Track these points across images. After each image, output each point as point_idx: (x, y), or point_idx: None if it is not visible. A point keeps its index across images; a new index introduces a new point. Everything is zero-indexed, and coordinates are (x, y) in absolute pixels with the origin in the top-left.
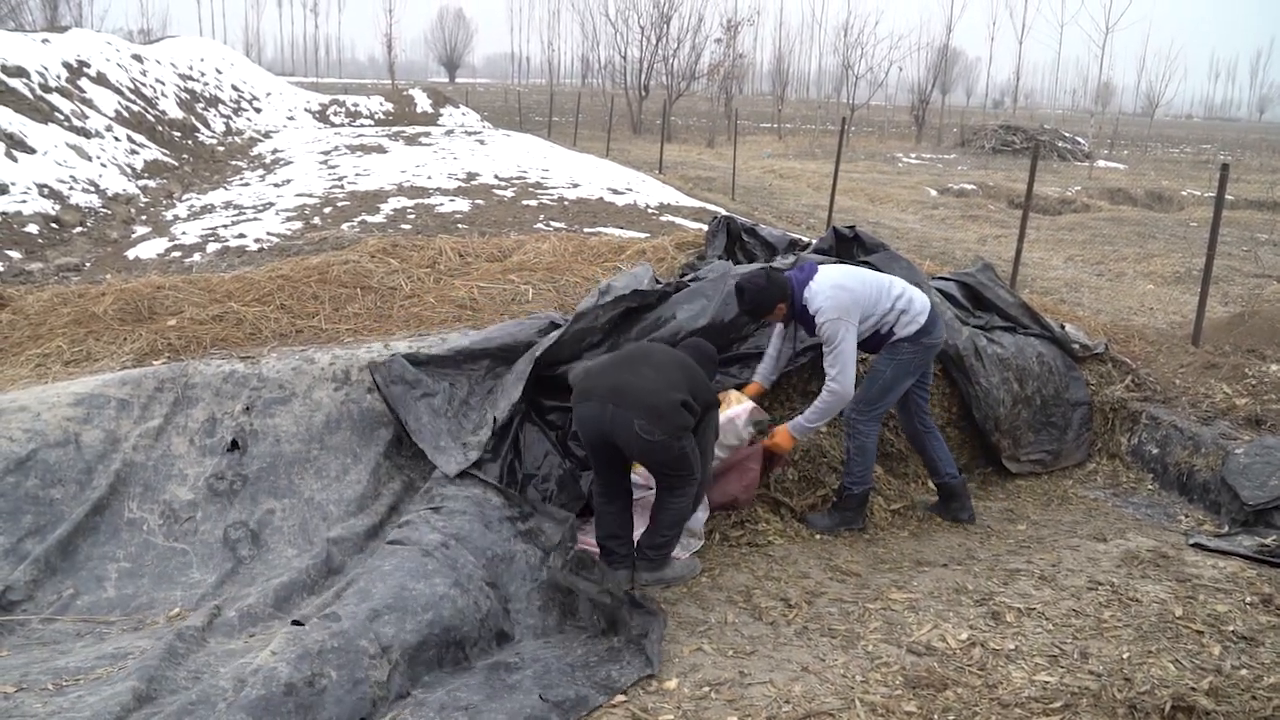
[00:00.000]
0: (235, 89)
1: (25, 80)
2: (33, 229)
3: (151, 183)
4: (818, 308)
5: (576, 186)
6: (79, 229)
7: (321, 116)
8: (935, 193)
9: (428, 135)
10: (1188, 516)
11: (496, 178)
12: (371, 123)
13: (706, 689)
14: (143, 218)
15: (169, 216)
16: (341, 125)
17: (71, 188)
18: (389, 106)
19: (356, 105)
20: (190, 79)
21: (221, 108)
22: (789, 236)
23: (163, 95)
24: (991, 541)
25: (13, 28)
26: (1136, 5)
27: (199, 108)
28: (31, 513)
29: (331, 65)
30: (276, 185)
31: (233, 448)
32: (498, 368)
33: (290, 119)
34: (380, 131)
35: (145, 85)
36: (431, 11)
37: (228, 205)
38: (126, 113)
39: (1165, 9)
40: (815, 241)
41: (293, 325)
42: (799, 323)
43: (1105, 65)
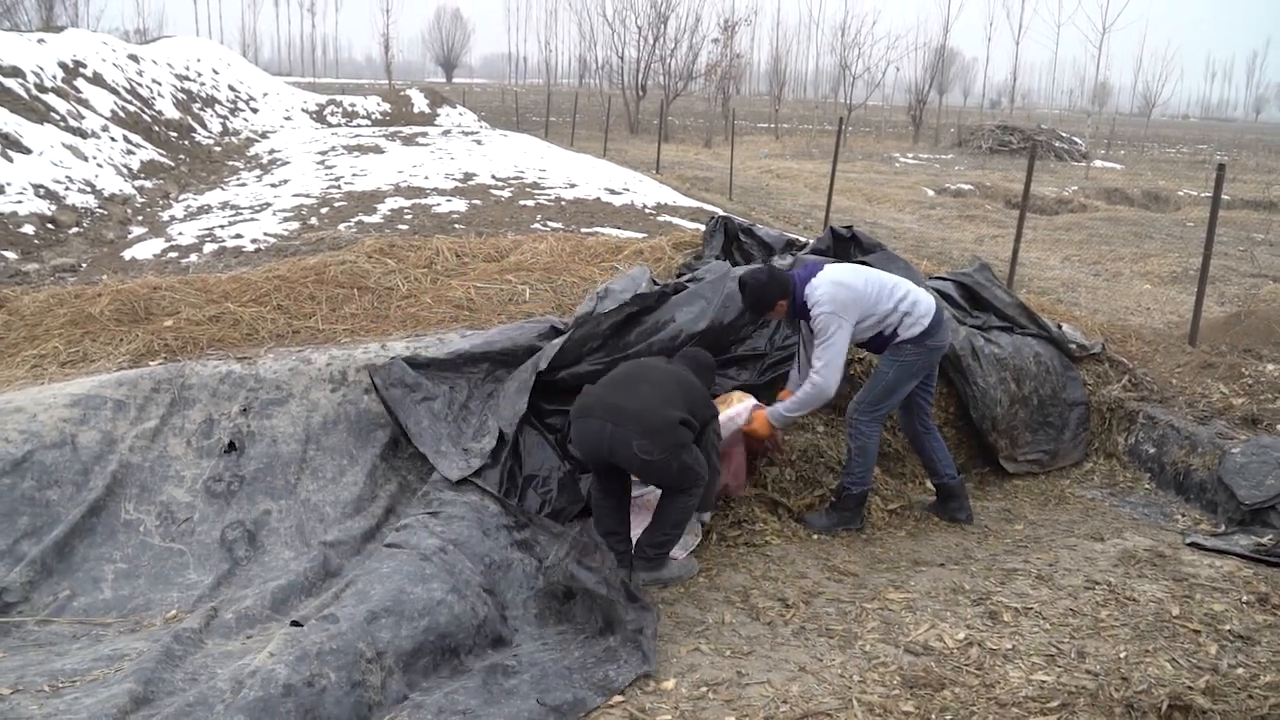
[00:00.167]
0: (232, 89)
1: (21, 80)
2: (28, 230)
3: (148, 183)
4: (815, 301)
5: (574, 186)
6: (75, 229)
7: (318, 117)
8: (932, 193)
9: (425, 135)
10: (1184, 516)
11: (494, 178)
12: (368, 123)
13: (704, 689)
14: (139, 218)
15: (165, 217)
16: (338, 125)
17: (67, 188)
18: (386, 107)
19: (353, 105)
20: (187, 79)
21: (218, 108)
22: (786, 236)
23: (159, 95)
24: (989, 541)
25: (8, 27)
26: (1133, 6)
27: (195, 108)
28: (28, 514)
29: (328, 65)
30: (273, 185)
31: (229, 449)
32: (497, 371)
33: (287, 119)
34: (377, 132)
35: (141, 85)
36: (429, 11)
37: (224, 206)
38: (123, 113)
39: (1162, 9)
40: (812, 241)
41: (289, 326)
42: (801, 320)
43: (1102, 65)
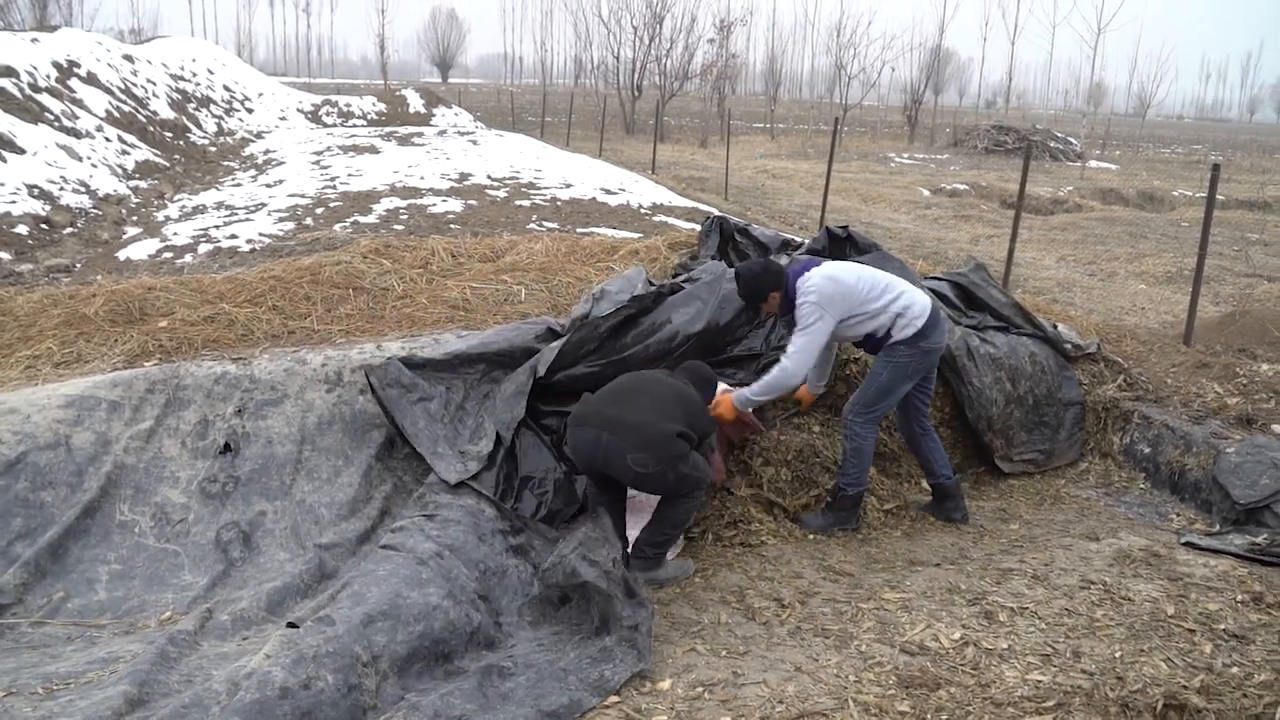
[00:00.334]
0: (227, 89)
1: (14, 80)
2: (22, 230)
3: (143, 183)
4: (803, 292)
5: (569, 187)
6: (69, 230)
7: (314, 117)
8: (928, 193)
9: (420, 135)
10: (1179, 515)
11: (489, 178)
12: (364, 123)
13: (700, 689)
14: (134, 218)
15: (160, 217)
16: (334, 125)
17: (62, 188)
18: (382, 107)
19: (349, 105)
20: (182, 79)
21: (213, 108)
22: (782, 236)
23: (154, 96)
24: (984, 541)
25: (2, 27)
26: (1128, 6)
27: (190, 108)
28: (21, 515)
29: (324, 65)
30: (268, 186)
31: (224, 450)
32: (494, 372)
33: (282, 119)
34: (373, 132)
35: (136, 85)
36: (424, 11)
37: (219, 206)
38: (117, 113)
39: (1157, 10)
40: (808, 241)
41: (285, 326)
42: (790, 309)
43: (1097, 66)
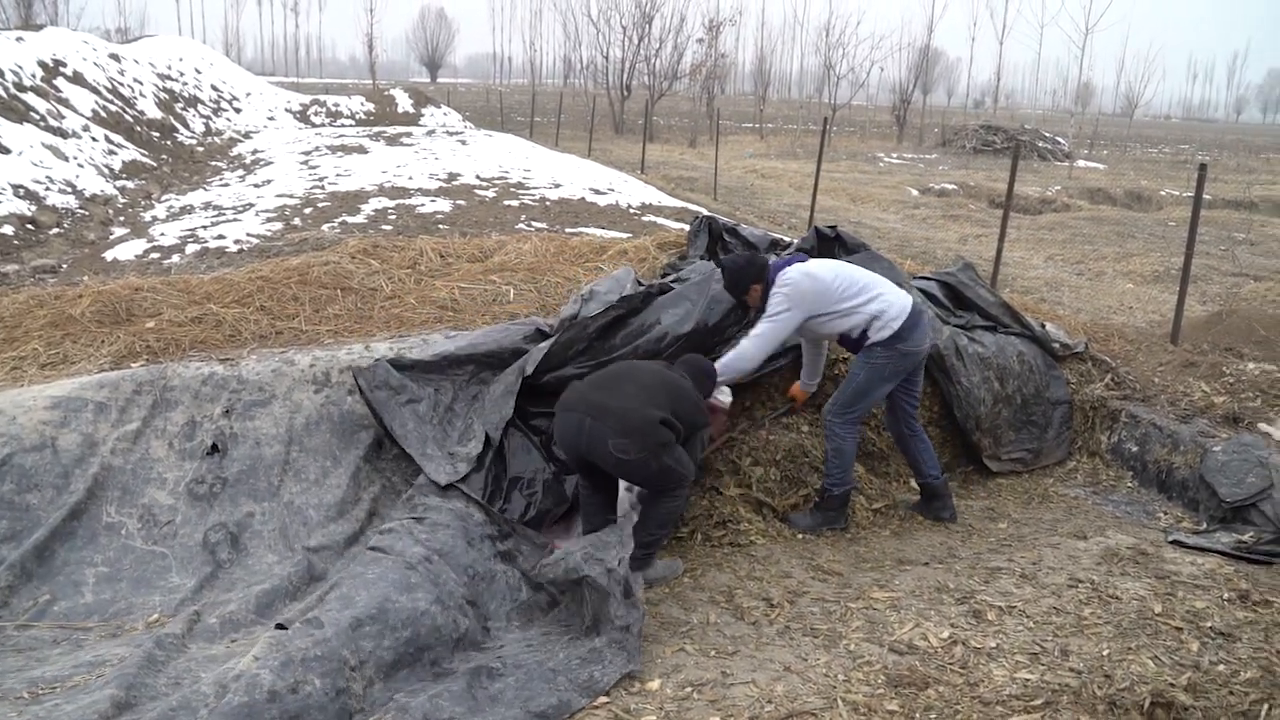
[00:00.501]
0: (215, 89)
1: None
2: (8, 230)
3: (130, 183)
4: (779, 283)
5: (558, 187)
6: (55, 230)
7: (302, 116)
8: (916, 192)
9: (409, 135)
10: (1167, 514)
11: (478, 178)
12: (352, 123)
13: (689, 689)
14: (121, 219)
15: (147, 217)
16: (322, 125)
17: (48, 188)
18: (370, 106)
19: (337, 105)
20: (169, 79)
21: (201, 108)
22: (770, 236)
23: (141, 95)
24: (973, 540)
25: None
26: (1116, 6)
27: (178, 108)
28: (7, 518)
29: (312, 65)
30: (256, 186)
31: (212, 451)
32: (482, 373)
33: (270, 119)
34: (361, 131)
35: (123, 85)
36: (413, 11)
37: (207, 206)
38: (104, 112)
39: (1144, 11)
40: (797, 241)
41: (272, 327)
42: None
43: (1085, 66)
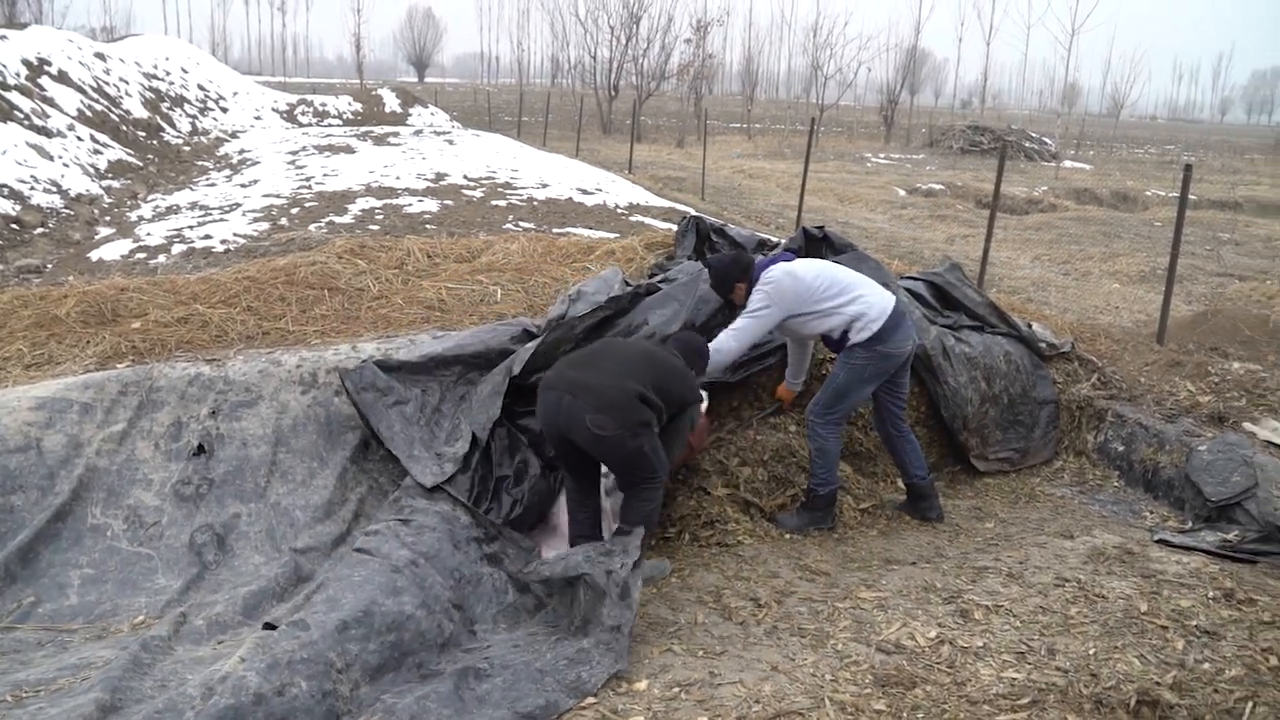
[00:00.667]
0: (201, 88)
1: None
2: None
3: (115, 183)
4: (761, 280)
5: (546, 187)
6: (40, 230)
7: (289, 116)
8: (904, 193)
9: (396, 135)
10: (1152, 513)
11: (465, 178)
12: (340, 122)
13: (676, 689)
14: (106, 218)
15: (133, 217)
16: (309, 125)
17: (32, 188)
18: (357, 106)
19: (324, 105)
20: (155, 78)
21: (187, 107)
22: (758, 236)
23: (127, 94)
24: (960, 540)
25: None
26: (1102, 8)
27: (164, 107)
28: None
29: (299, 64)
30: (243, 186)
31: (198, 452)
32: (470, 374)
33: (257, 119)
34: (348, 131)
35: (109, 84)
36: (400, 11)
37: (193, 206)
38: (89, 112)
39: (1130, 12)
40: (784, 241)
41: (259, 327)
42: None
43: (1071, 67)
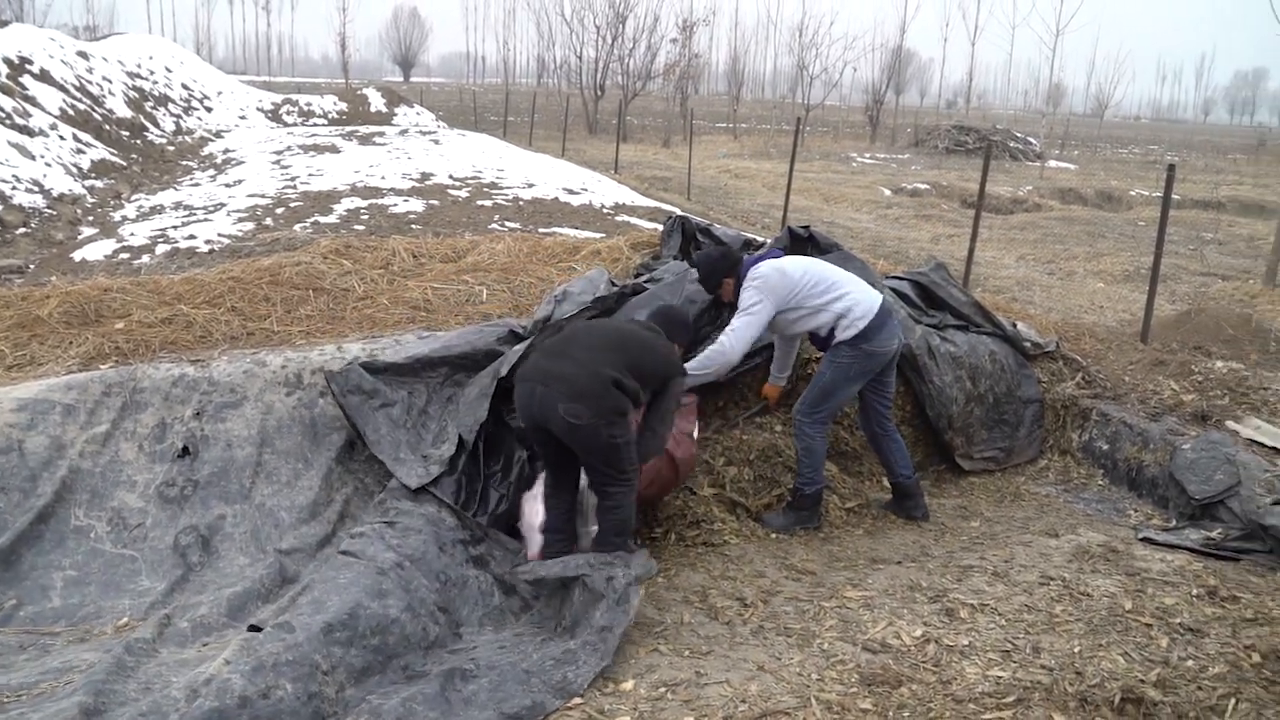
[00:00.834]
0: (185, 87)
1: None
2: None
3: (99, 183)
4: (749, 278)
5: (532, 186)
6: (22, 230)
7: (274, 116)
8: (889, 192)
9: (382, 135)
10: (1137, 511)
11: (451, 178)
12: (325, 122)
13: (663, 690)
14: (89, 218)
15: (117, 217)
16: (294, 125)
17: (14, 188)
18: (343, 106)
19: (310, 104)
20: (139, 77)
21: (171, 106)
22: (744, 236)
23: (110, 94)
24: (945, 539)
25: None
26: (1086, 8)
27: (148, 106)
28: None
29: (284, 64)
30: (228, 185)
31: (183, 453)
32: (456, 375)
33: (242, 118)
34: (334, 131)
35: (91, 83)
36: (386, 10)
37: (178, 206)
38: (72, 111)
39: (1114, 13)
40: (770, 241)
41: (244, 328)
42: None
43: (1056, 67)
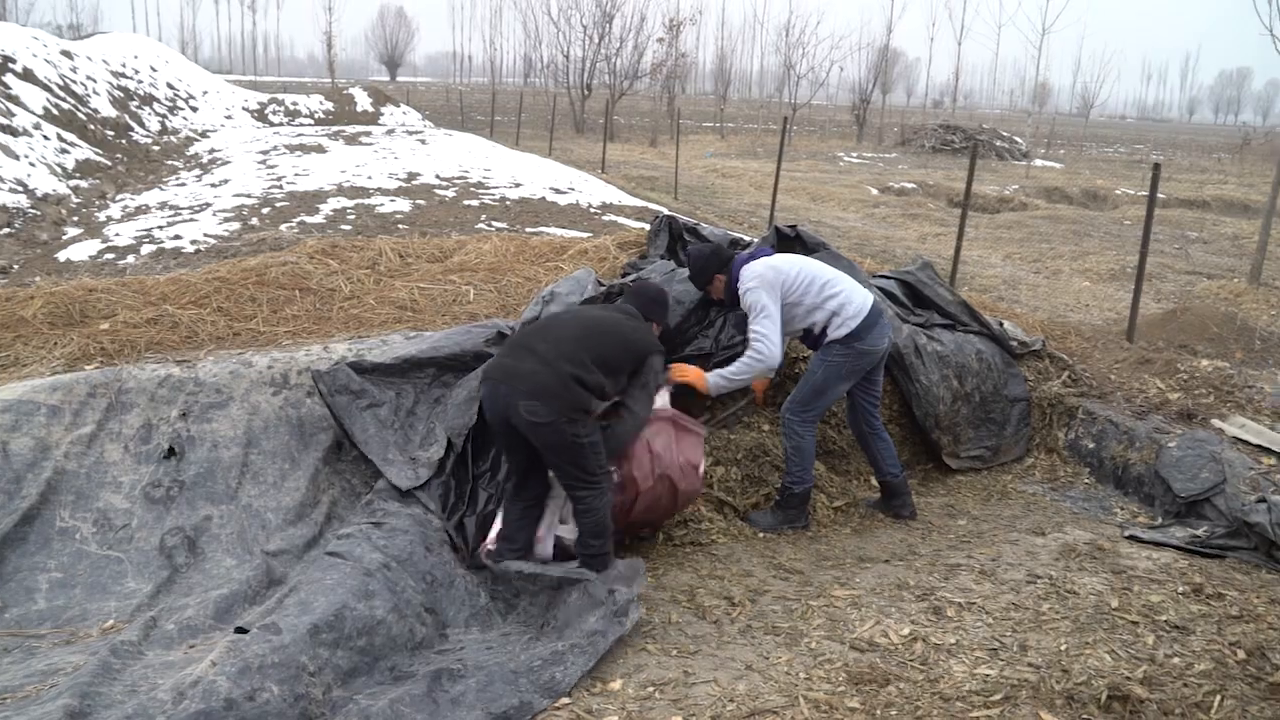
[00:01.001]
0: (170, 87)
1: None
2: None
3: (83, 183)
4: (743, 281)
5: (519, 186)
6: (6, 230)
7: (260, 115)
8: (876, 191)
9: (368, 134)
10: (1123, 509)
11: (438, 177)
12: (311, 122)
13: (651, 689)
14: (74, 219)
15: (102, 217)
16: (280, 124)
17: None
18: (329, 105)
19: (296, 104)
20: (123, 76)
21: (156, 106)
22: (731, 235)
23: (94, 93)
24: (932, 537)
25: None
26: (1072, 8)
27: (133, 106)
28: None
29: (270, 63)
30: (214, 185)
31: (169, 454)
32: (444, 376)
33: (228, 118)
34: (320, 131)
35: (76, 82)
36: (372, 9)
37: (163, 206)
38: (56, 110)
39: (1100, 12)
40: (757, 240)
41: (230, 328)
42: (735, 301)
43: (1042, 66)
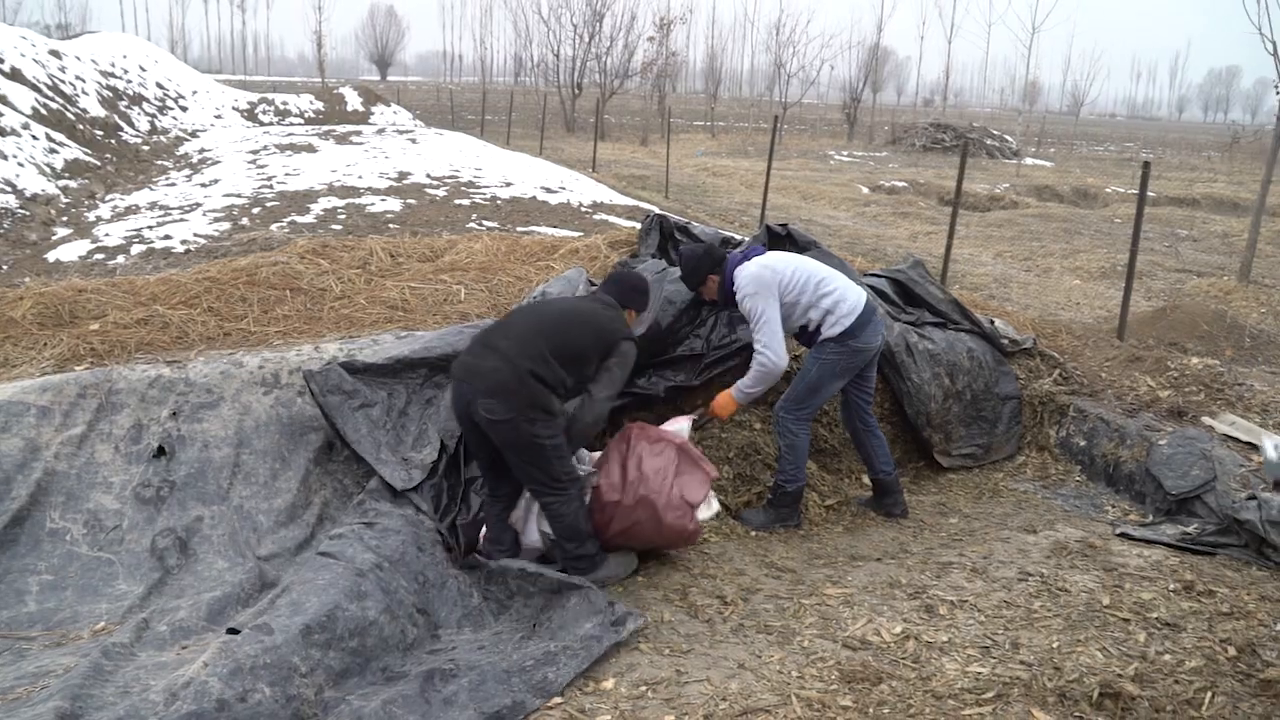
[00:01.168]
0: (160, 86)
1: None
2: None
3: (72, 183)
4: (739, 284)
5: (509, 185)
6: None
7: (250, 115)
8: (867, 190)
9: (359, 134)
10: (1114, 507)
11: (429, 177)
12: (301, 121)
13: (643, 688)
14: (63, 219)
15: (91, 217)
16: (271, 124)
17: None
18: (319, 105)
19: (286, 104)
20: (113, 76)
21: (146, 106)
22: (722, 235)
23: (83, 93)
24: (924, 535)
25: None
26: (1061, 6)
27: (122, 106)
28: None
29: (260, 63)
30: (204, 185)
31: (159, 454)
32: (436, 376)
33: (218, 117)
34: (310, 130)
35: (64, 82)
36: (362, 8)
37: (153, 206)
38: (45, 110)
39: (1090, 11)
40: (748, 240)
41: (220, 328)
42: (728, 301)
43: (1032, 65)
